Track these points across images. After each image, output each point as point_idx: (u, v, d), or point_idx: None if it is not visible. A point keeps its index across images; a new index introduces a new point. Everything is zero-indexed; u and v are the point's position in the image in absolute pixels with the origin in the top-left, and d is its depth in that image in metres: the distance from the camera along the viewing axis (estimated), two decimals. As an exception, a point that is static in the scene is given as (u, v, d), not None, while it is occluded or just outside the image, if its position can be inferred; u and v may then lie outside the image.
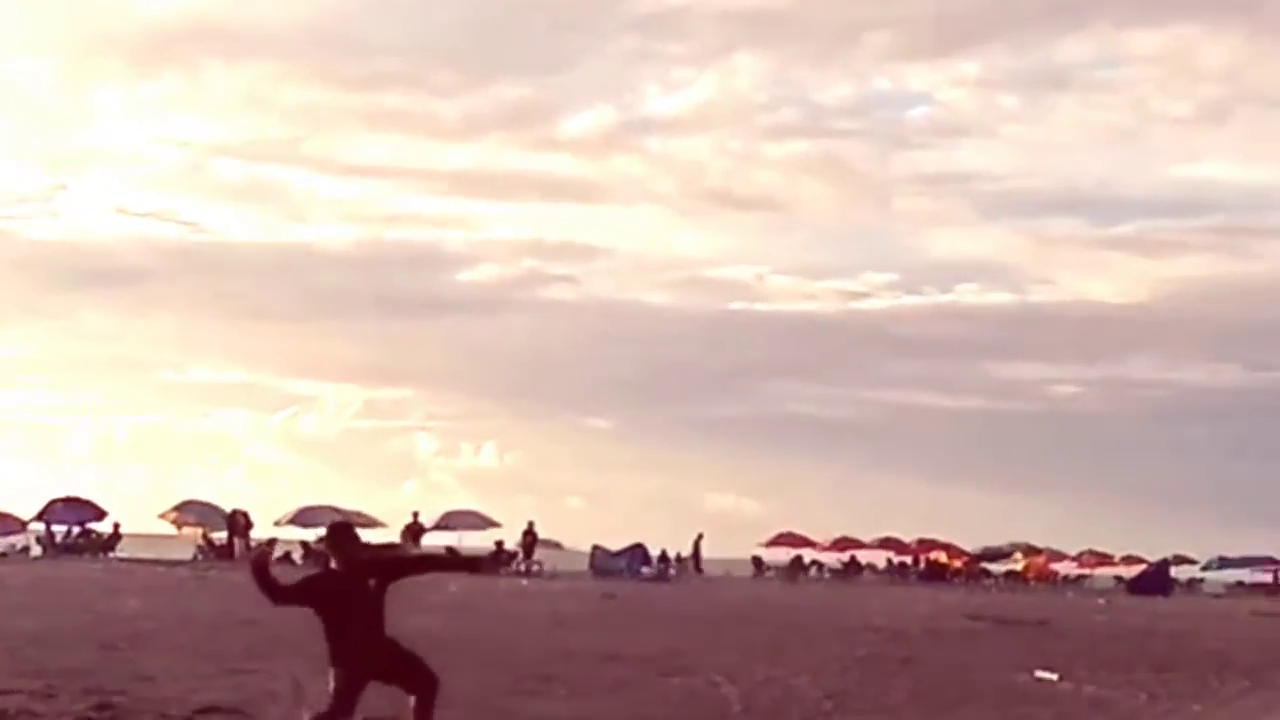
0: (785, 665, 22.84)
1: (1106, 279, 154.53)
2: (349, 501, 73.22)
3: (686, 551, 77.68)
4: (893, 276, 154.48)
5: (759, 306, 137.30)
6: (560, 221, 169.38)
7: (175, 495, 74.78)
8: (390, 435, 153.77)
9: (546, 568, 67.50)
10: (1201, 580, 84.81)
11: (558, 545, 78.32)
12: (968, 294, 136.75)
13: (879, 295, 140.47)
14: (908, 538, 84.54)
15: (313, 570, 14.57)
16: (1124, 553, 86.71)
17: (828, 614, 40.48)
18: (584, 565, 69.96)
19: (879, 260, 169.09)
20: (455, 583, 36.91)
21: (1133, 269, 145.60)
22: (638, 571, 67.22)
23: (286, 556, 66.70)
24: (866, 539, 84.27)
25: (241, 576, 53.66)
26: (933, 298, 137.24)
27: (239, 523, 67.96)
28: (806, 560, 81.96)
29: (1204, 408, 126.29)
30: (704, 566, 77.64)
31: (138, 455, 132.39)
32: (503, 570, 64.62)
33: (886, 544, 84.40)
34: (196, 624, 28.12)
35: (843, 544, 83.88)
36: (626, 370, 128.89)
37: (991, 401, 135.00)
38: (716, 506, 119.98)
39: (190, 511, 70.78)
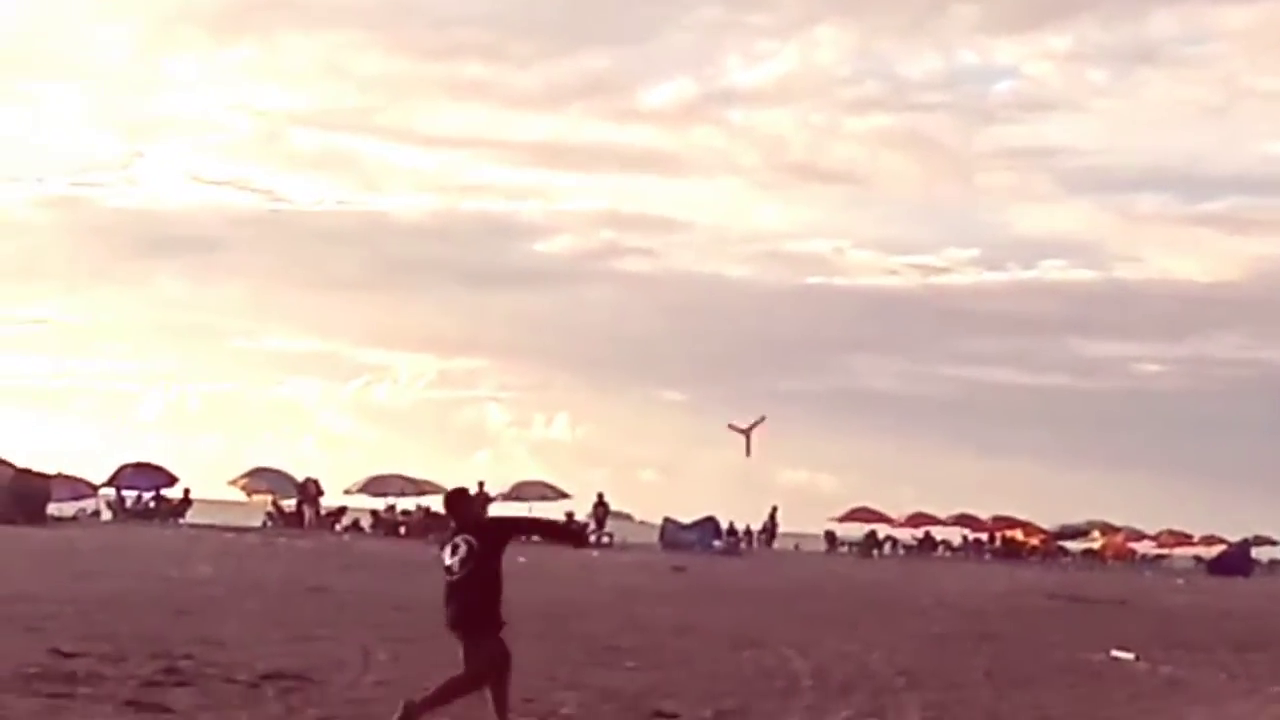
0: (858, 641, 22.83)
1: (1194, 257, 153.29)
2: (419, 471, 73.06)
3: (758, 526, 77.58)
4: (974, 252, 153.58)
5: (838, 281, 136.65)
6: (639, 193, 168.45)
7: (246, 462, 75.10)
8: (463, 405, 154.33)
9: (617, 539, 67.59)
10: None
11: (628, 517, 78.25)
12: (1051, 270, 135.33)
13: (960, 271, 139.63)
14: (984, 515, 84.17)
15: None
16: (1204, 533, 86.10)
17: (902, 590, 40.40)
18: (654, 538, 70.04)
19: (961, 236, 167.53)
20: (524, 554, 36.99)
21: (1221, 247, 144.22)
22: (709, 545, 67.06)
23: (355, 525, 68.81)
24: (942, 515, 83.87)
25: (312, 543, 52.65)
26: (1015, 274, 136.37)
27: (310, 490, 68.58)
28: (881, 536, 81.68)
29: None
30: (776, 540, 77.56)
31: (210, 422, 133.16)
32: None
33: (962, 520, 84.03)
34: (265, 590, 28.38)
35: (918, 520, 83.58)
36: (703, 343, 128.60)
37: (1073, 379, 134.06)
38: (790, 481, 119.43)
39: (261, 479, 71.04)
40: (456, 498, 13.69)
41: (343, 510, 71.36)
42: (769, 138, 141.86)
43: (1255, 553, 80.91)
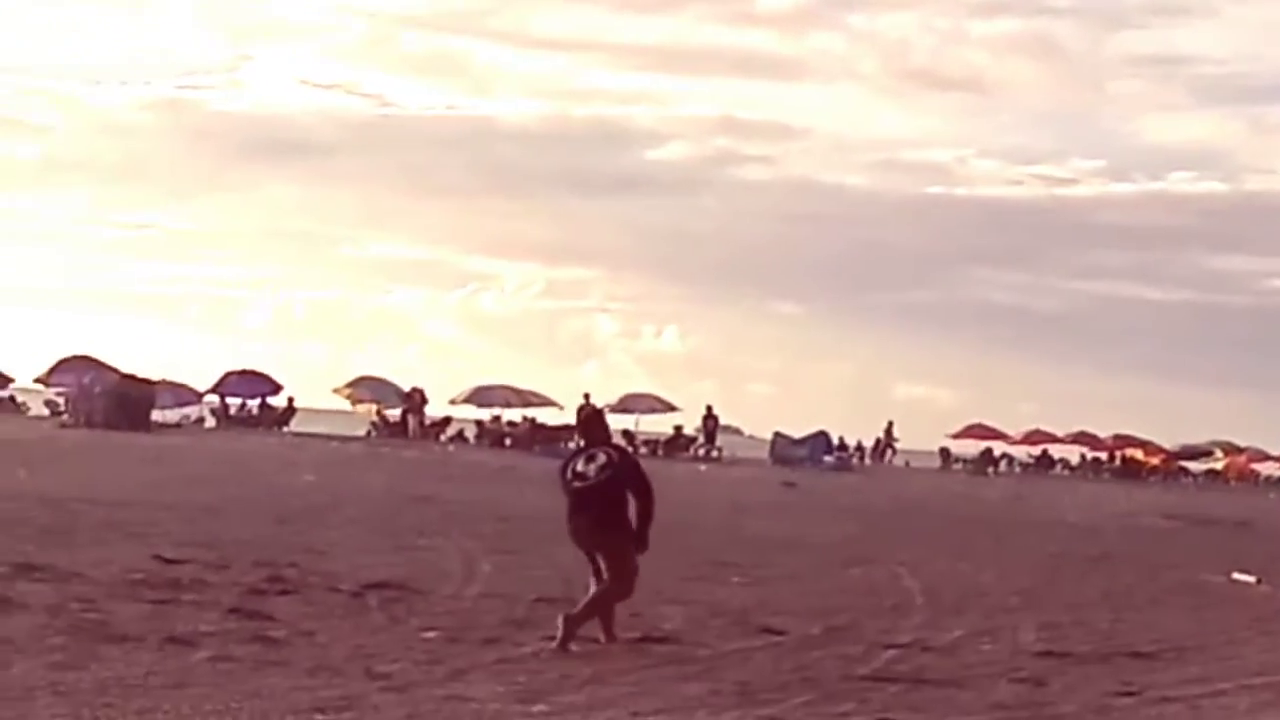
0: (971, 559, 22.81)
1: None
2: (526, 381, 73.13)
3: (870, 441, 77.40)
4: (1101, 163, 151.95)
5: (959, 191, 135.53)
6: (756, 99, 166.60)
7: (351, 371, 75.32)
8: (571, 316, 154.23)
9: (726, 454, 66.95)
10: None
11: (738, 431, 78.05)
12: (1180, 182, 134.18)
13: (1086, 182, 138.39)
14: (1103, 433, 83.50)
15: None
16: None
17: (1017, 509, 40.30)
18: (765, 452, 69.34)
19: (1087, 146, 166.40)
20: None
21: None
22: (820, 460, 66.26)
23: (460, 435, 68.72)
24: (1060, 433, 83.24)
25: (416, 453, 52.83)
26: (1143, 185, 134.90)
27: (415, 400, 68.39)
28: (997, 453, 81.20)
29: None
30: (891, 456, 77.41)
31: (315, 330, 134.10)
32: (681, 454, 64.64)
33: (1081, 439, 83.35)
34: (369, 500, 28.60)
35: (1035, 437, 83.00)
36: (819, 254, 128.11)
37: (1200, 294, 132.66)
38: (906, 395, 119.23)
39: (365, 388, 70.97)
40: (594, 418, 14.30)
41: (448, 420, 70.85)
42: (891, 42, 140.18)
43: None
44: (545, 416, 68.57)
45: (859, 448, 75.79)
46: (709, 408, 70.29)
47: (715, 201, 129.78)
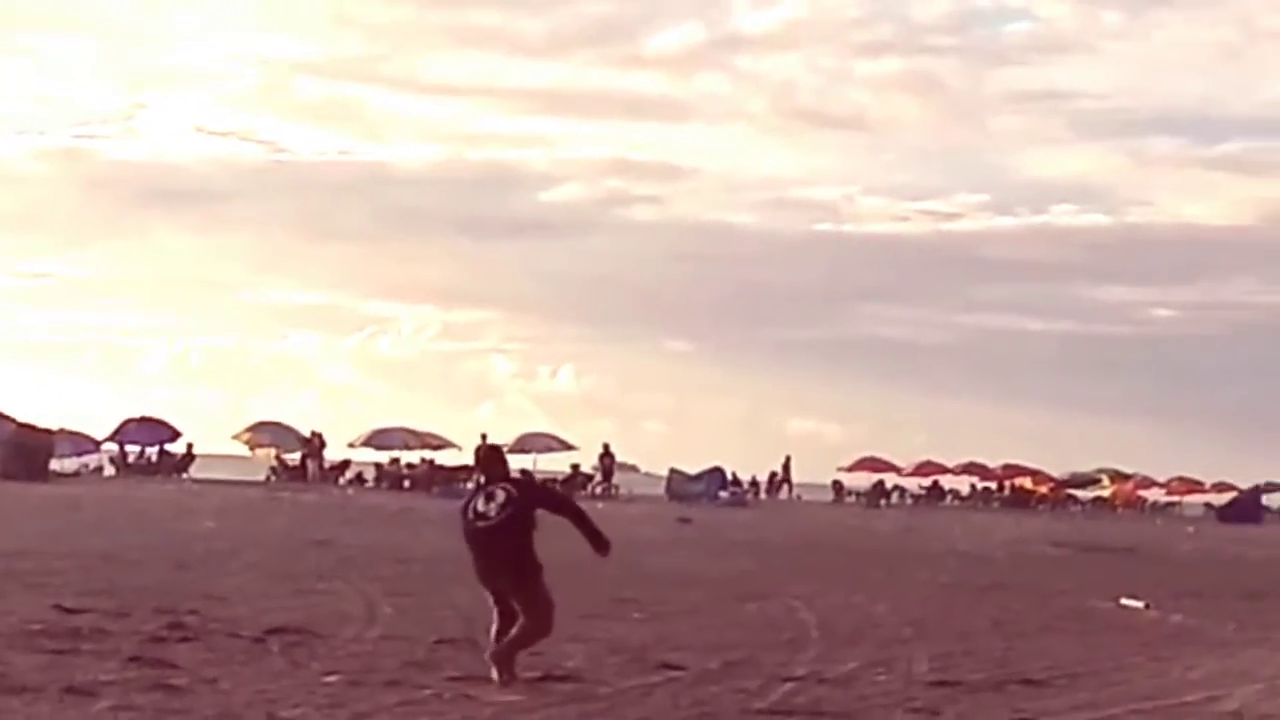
0: (865, 591, 22.90)
1: (1206, 200, 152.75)
2: (424, 423, 73.35)
3: (764, 476, 77.63)
4: (985, 197, 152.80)
5: (847, 228, 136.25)
6: (645, 141, 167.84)
7: (249, 417, 75.34)
8: (467, 357, 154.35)
9: (623, 491, 67.09)
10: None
11: (634, 468, 78.28)
12: (1063, 215, 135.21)
13: (971, 216, 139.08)
14: (992, 463, 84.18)
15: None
16: (1215, 480, 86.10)
17: (909, 540, 40.54)
18: (661, 489, 69.48)
19: (971, 181, 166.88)
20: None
21: (1234, 190, 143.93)
22: (715, 496, 66.63)
23: (359, 478, 68.83)
24: (950, 464, 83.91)
25: (315, 496, 52.57)
26: (1026, 219, 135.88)
27: (315, 444, 68.49)
28: (889, 485, 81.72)
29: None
30: (788, 491, 77.62)
31: (212, 376, 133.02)
32: (578, 493, 64.56)
33: (970, 469, 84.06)
34: (269, 544, 28.30)
35: (926, 469, 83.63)
36: (710, 293, 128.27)
37: (1083, 325, 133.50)
38: (799, 430, 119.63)
39: (264, 432, 70.89)
40: (492, 453, 13.99)
41: (346, 464, 70.99)
42: (777, 83, 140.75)
43: (1266, 499, 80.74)
44: (444, 458, 68.74)
45: (754, 483, 75.93)
46: (606, 446, 70.49)
47: (608, 242, 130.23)
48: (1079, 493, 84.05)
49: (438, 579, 18.97)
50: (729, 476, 71.32)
